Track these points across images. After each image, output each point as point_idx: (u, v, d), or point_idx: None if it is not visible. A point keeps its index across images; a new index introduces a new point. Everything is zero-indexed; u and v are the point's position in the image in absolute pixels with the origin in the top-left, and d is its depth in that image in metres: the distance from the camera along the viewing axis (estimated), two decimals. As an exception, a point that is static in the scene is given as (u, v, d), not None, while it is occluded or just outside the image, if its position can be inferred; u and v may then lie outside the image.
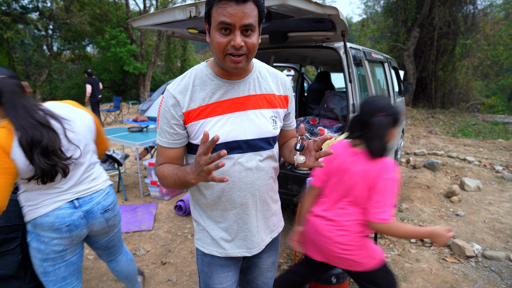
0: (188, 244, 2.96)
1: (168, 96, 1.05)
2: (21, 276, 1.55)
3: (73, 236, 1.52)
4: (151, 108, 7.74)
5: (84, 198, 1.55)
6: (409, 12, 12.34)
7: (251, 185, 1.11)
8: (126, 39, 14.98)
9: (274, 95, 1.15)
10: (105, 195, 1.65)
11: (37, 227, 1.46)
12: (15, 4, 14.47)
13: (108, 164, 3.92)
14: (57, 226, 1.46)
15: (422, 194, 4.01)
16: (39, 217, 1.44)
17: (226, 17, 0.90)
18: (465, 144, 7.03)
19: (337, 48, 2.70)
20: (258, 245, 1.19)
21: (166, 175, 1.06)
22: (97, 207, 1.60)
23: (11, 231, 1.51)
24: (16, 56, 16.52)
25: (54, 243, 1.48)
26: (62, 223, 1.47)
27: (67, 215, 1.48)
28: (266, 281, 1.35)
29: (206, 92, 1.05)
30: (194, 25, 2.24)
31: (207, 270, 1.21)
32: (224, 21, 0.91)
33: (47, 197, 1.45)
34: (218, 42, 0.95)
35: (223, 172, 1.07)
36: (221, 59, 0.98)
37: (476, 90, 13.75)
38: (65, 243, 1.51)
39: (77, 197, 1.53)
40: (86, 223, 1.56)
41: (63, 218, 1.47)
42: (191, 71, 1.10)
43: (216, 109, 1.05)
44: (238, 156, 1.08)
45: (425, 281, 2.42)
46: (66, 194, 1.50)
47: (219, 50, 0.96)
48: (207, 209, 1.15)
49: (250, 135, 1.08)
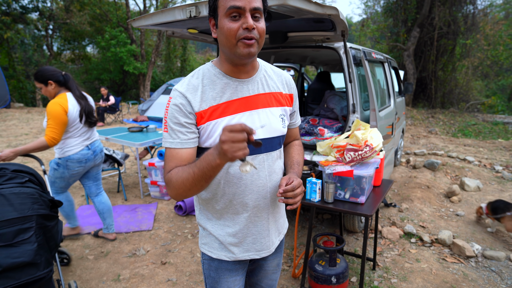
0: (188, 244, 2.96)
1: (178, 96, 1.00)
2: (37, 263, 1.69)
3: (86, 166, 2.69)
4: (151, 108, 7.74)
5: (93, 143, 2.71)
6: (409, 12, 12.34)
7: (263, 188, 1.09)
8: (126, 39, 14.99)
9: (281, 93, 1.15)
10: (99, 142, 2.82)
11: (69, 160, 2.57)
12: (15, 4, 14.49)
13: (108, 164, 3.92)
14: (81, 160, 2.62)
15: (422, 194, 4.01)
16: (72, 155, 2.57)
17: (236, 1, 0.90)
18: (465, 144, 7.03)
19: (337, 48, 2.70)
20: (268, 248, 1.17)
21: (180, 174, 0.94)
22: (98, 149, 2.77)
23: (25, 222, 1.69)
24: (16, 56, 16.52)
25: (75, 170, 2.62)
26: (83, 158, 2.63)
27: (86, 154, 2.64)
28: (271, 283, 1.33)
29: (216, 92, 1.02)
30: (194, 25, 2.24)
31: (215, 275, 1.18)
32: (234, 5, 0.90)
33: (76, 142, 2.58)
34: (229, 28, 0.92)
35: (235, 175, 1.05)
36: (233, 46, 0.95)
37: (476, 90, 13.76)
38: (80, 170, 2.66)
39: (90, 143, 2.68)
40: (94, 158, 2.72)
41: (84, 155, 2.63)
42: (198, 71, 1.06)
43: (228, 109, 1.02)
44: (251, 158, 1.06)
45: (425, 281, 2.42)
46: (86, 141, 2.64)
47: (230, 36, 0.93)
48: (216, 213, 1.12)
49: (262, 134, 1.07)
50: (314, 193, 2.07)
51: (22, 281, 1.63)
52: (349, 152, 2.11)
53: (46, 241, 1.76)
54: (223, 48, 1.00)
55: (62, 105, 2.42)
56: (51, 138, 2.36)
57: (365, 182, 2.02)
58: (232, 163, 1.04)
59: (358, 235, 3.10)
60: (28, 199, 1.74)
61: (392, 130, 3.59)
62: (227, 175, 1.05)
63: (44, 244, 1.74)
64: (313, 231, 3.16)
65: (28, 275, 1.67)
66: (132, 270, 2.59)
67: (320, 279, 2.10)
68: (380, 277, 2.47)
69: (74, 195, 4.13)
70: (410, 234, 3.07)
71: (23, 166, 2.00)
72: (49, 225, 1.78)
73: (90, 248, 2.92)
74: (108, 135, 4.24)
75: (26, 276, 1.66)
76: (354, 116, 2.65)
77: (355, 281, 2.43)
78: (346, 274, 2.15)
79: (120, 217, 3.47)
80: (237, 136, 0.79)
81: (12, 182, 1.82)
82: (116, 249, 2.89)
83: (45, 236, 1.76)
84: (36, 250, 1.67)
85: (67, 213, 2.84)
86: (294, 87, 1.22)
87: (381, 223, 3.32)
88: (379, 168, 2.26)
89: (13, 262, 1.61)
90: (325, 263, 2.15)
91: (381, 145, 2.15)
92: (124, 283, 2.43)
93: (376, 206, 2.01)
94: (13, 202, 1.69)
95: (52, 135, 2.37)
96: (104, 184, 4.56)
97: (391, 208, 3.66)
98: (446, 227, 3.26)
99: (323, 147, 2.34)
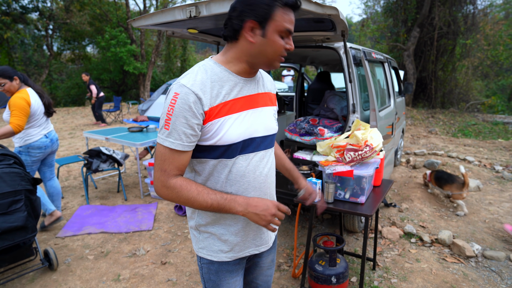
0: (188, 244, 2.96)
1: (187, 93, 0.94)
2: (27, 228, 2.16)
3: (45, 152, 3.07)
4: (151, 108, 7.74)
5: (49, 132, 3.10)
6: (409, 12, 12.33)
7: (264, 184, 1.12)
8: (126, 39, 14.98)
9: (271, 93, 1.22)
10: (54, 132, 3.18)
11: (30, 148, 2.93)
12: (15, 4, 14.48)
13: (108, 164, 3.92)
14: (40, 146, 2.99)
15: (422, 194, 4.01)
16: (33, 142, 2.94)
17: (290, 25, 1.00)
18: (465, 144, 7.02)
19: (337, 48, 2.70)
20: (267, 242, 1.21)
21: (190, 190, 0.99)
22: (54, 137, 3.16)
23: (17, 195, 2.15)
24: (16, 56, 16.52)
25: (36, 156, 3.00)
26: (43, 145, 3.00)
27: (45, 141, 3.02)
28: (266, 279, 1.35)
29: (225, 89, 1.02)
30: (194, 25, 2.24)
31: (215, 278, 1.17)
32: (289, 29, 1.00)
33: (36, 132, 2.96)
34: (280, 45, 1.01)
35: (238, 173, 1.06)
36: (272, 60, 1.03)
37: (476, 90, 13.75)
38: (40, 156, 3.04)
39: (47, 132, 3.06)
40: (51, 145, 3.11)
41: (43, 142, 3.01)
42: (200, 67, 1.02)
43: (234, 106, 1.03)
44: (253, 155, 1.08)
45: (425, 281, 2.42)
46: (43, 131, 3.02)
47: (278, 52, 1.02)
48: (217, 214, 1.11)
49: (263, 131, 1.11)
50: (314, 193, 2.07)
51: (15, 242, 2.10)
52: (349, 152, 2.11)
53: (32, 211, 2.24)
54: (258, 55, 1.02)
55: (26, 98, 2.79)
56: (17, 126, 2.68)
57: (365, 182, 2.02)
58: (236, 161, 1.06)
59: (358, 235, 3.10)
60: (17, 177, 2.21)
61: (392, 130, 3.59)
62: (230, 174, 1.06)
63: (31, 213, 2.22)
64: (313, 231, 3.16)
65: (20, 237, 2.13)
66: (132, 270, 2.59)
67: (320, 279, 2.10)
68: (380, 277, 2.47)
69: (74, 195, 4.13)
70: (410, 234, 3.07)
71: (8, 150, 2.42)
72: (33, 198, 2.28)
73: (90, 248, 2.92)
74: (108, 135, 4.24)
75: (19, 237, 2.12)
76: (354, 116, 2.65)
77: (355, 281, 2.43)
78: (346, 274, 2.15)
79: (120, 217, 3.47)
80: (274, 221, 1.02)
81: (2, 163, 2.25)
82: (116, 249, 2.89)
83: (31, 207, 2.24)
84: (26, 217, 2.15)
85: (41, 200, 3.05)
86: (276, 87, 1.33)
87: (381, 223, 3.32)
88: (379, 168, 2.26)
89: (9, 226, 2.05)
90: (325, 263, 2.15)
91: (381, 145, 2.15)
92: (124, 283, 2.43)
93: (376, 206, 2.01)
94: (5, 179, 2.14)
95: (18, 122, 2.68)
96: (104, 184, 4.56)
97: (391, 208, 3.66)
98: (446, 227, 3.26)
99: (323, 147, 2.34)
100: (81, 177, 4.83)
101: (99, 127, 9.33)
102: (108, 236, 3.13)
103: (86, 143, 4.67)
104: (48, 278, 2.49)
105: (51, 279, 2.48)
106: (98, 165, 3.83)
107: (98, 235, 3.13)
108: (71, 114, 12.10)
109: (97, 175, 4.89)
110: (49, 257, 2.54)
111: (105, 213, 3.58)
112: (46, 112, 3.02)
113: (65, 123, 9.97)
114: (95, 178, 4.77)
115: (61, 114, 11.91)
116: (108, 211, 3.64)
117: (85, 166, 3.85)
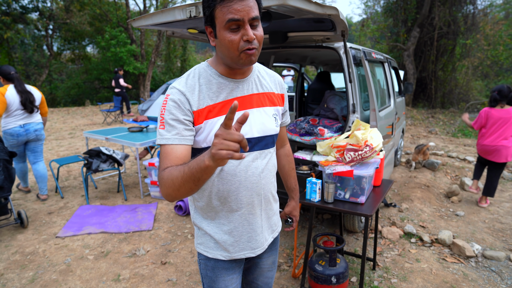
0: (188, 244, 2.96)
1: (176, 93, 1.01)
2: (4, 188, 2.97)
3: (19, 139, 3.60)
4: (151, 108, 7.74)
5: (27, 124, 3.63)
6: (409, 12, 12.33)
7: (257, 184, 1.11)
8: (126, 39, 14.97)
9: (274, 93, 1.19)
10: (36, 124, 3.71)
11: (4, 134, 3.52)
12: (15, 4, 14.48)
13: (108, 164, 3.92)
14: (13, 134, 3.54)
15: (422, 194, 4.01)
16: (7, 129, 3.52)
17: (234, 14, 0.91)
18: (465, 144, 7.03)
19: (337, 48, 2.70)
20: (262, 245, 1.19)
21: (172, 172, 0.91)
22: (31, 129, 3.66)
23: None
24: (16, 56, 16.50)
25: (10, 141, 3.58)
26: (15, 133, 3.55)
27: (18, 130, 3.56)
28: (267, 280, 1.35)
29: (213, 91, 1.04)
30: (194, 25, 2.24)
31: (212, 275, 1.19)
32: (233, 18, 0.91)
33: (12, 121, 3.53)
34: (231, 41, 0.94)
35: (229, 172, 1.07)
36: (236, 58, 0.97)
37: (476, 90, 13.73)
38: (15, 143, 3.60)
39: (24, 123, 3.60)
40: (26, 135, 3.62)
41: (16, 131, 3.55)
42: (193, 70, 1.08)
43: (224, 108, 1.04)
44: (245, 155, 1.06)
45: (425, 281, 2.41)
46: (20, 121, 3.57)
47: (233, 49, 0.95)
48: (211, 212, 1.13)
49: (257, 132, 1.10)
50: (314, 193, 2.08)
51: None
52: (349, 152, 2.11)
53: (8, 176, 3.00)
54: (223, 57, 1.01)
55: (2, 92, 3.41)
56: None
57: (365, 182, 2.02)
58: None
59: (358, 235, 3.10)
60: None
61: (392, 130, 3.59)
62: (221, 172, 1.07)
63: (7, 177, 2.99)
64: (313, 231, 3.16)
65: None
66: (132, 270, 2.59)
67: (320, 279, 2.10)
68: (380, 277, 2.47)
69: (74, 195, 4.14)
70: (410, 234, 3.07)
71: None
72: (9, 167, 3.05)
73: (90, 248, 2.92)
74: (108, 135, 4.24)
75: None
76: (354, 116, 2.65)
77: (355, 281, 2.43)
78: (346, 274, 2.15)
79: (120, 217, 3.47)
80: (230, 145, 0.75)
81: None
82: (116, 249, 2.89)
83: (8, 173, 3.00)
84: (4, 180, 2.95)
85: (22, 175, 4.01)
86: (285, 88, 1.28)
87: (381, 223, 3.32)
88: (379, 168, 2.26)
89: None
90: (325, 263, 2.15)
91: (381, 145, 2.15)
92: (124, 283, 2.43)
93: (376, 206, 2.01)
94: None
95: None
96: (104, 184, 4.56)
97: (391, 208, 3.66)
98: (446, 227, 3.26)
99: (323, 147, 2.34)
100: (81, 177, 4.83)
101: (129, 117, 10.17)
102: (108, 236, 3.13)
103: (86, 143, 4.67)
104: (48, 278, 2.49)
105: (51, 279, 2.48)
106: (98, 165, 3.83)
107: (98, 235, 3.13)
108: (71, 114, 12.09)
109: (97, 175, 4.89)
110: (21, 217, 3.18)
111: (105, 213, 3.58)
112: (24, 108, 3.55)
113: (65, 123, 9.97)
114: (95, 178, 4.77)
115: (61, 114, 11.90)
116: (108, 211, 3.64)
117: (85, 166, 3.86)
